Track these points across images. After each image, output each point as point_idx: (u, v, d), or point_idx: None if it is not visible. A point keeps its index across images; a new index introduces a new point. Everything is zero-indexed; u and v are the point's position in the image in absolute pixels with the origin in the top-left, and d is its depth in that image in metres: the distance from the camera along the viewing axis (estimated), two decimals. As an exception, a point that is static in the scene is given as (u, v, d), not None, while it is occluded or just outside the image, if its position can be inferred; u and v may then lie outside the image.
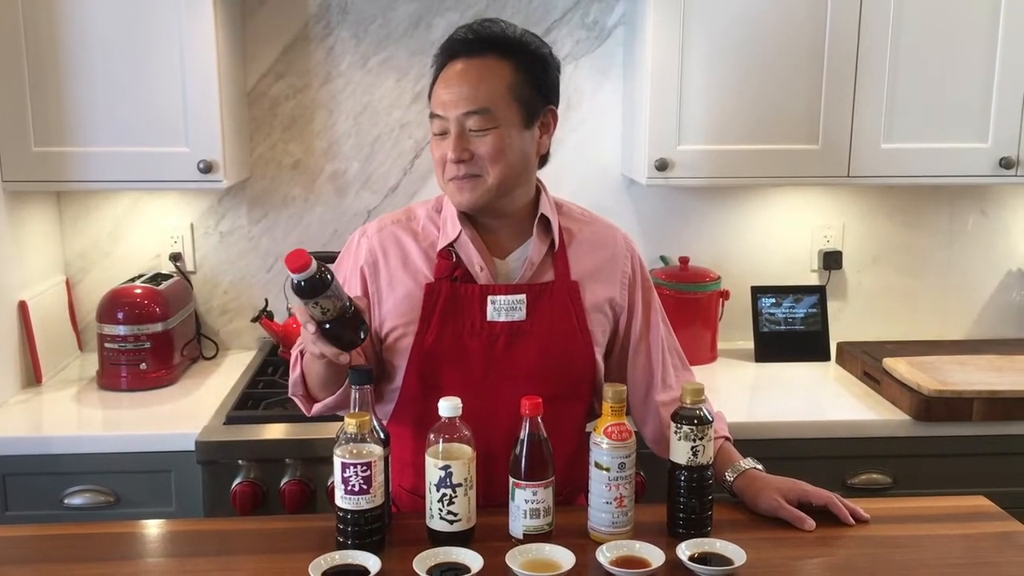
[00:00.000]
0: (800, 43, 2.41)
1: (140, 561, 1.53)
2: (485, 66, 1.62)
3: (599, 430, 1.51)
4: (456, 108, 1.61)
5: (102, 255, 2.73)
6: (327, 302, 1.42)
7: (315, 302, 1.41)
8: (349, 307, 1.46)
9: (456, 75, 1.62)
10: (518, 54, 1.64)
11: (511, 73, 1.62)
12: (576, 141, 2.75)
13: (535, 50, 1.67)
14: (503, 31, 1.65)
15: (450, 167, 1.63)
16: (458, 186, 1.64)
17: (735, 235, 2.83)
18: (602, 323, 1.74)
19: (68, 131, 2.33)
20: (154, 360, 2.44)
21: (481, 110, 1.60)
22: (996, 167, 2.48)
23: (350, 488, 1.45)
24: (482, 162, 1.62)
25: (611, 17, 2.70)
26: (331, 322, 1.44)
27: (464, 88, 1.60)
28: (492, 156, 1.61)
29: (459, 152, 1.61)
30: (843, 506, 1.61)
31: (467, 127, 1.61)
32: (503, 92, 1.61)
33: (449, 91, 1.62)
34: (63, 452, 2.15)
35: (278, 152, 2.73)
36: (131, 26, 2.30)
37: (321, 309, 1.42)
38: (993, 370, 2.40)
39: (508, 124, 1.62)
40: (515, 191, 1.67)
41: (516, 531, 1.51)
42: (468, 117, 1.60)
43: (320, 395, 1.66)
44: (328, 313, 1.43)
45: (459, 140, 1.61)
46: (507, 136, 1.62)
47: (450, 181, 1.65)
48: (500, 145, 1.61)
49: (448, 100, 1.61)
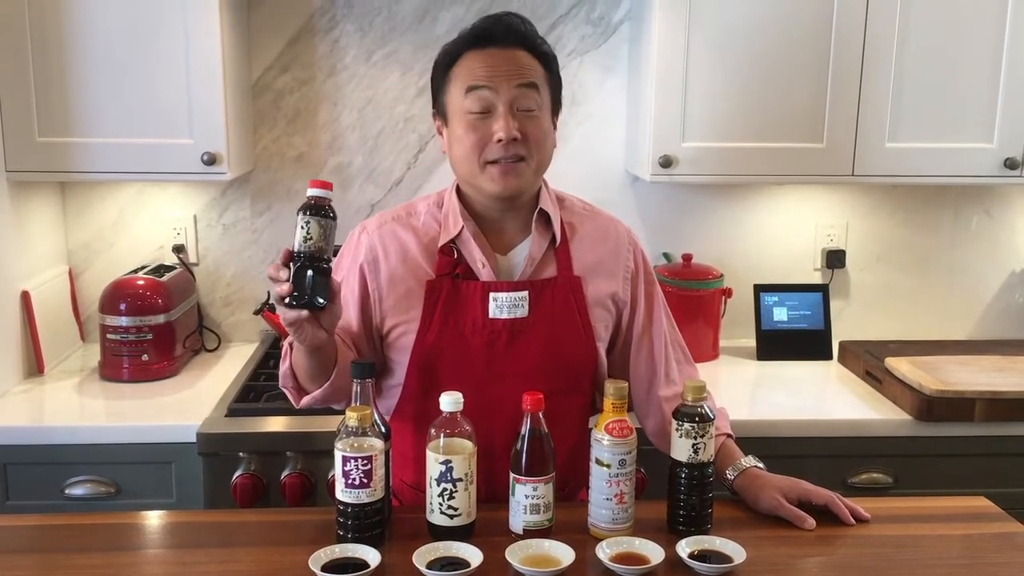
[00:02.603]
0: (806, 41, 2.40)
1: (140, 552, 1.54)
2: (518, 54, 1.61)
3: (600, 427, 1.51)
4: (511, 79, 1.57)
5: (105, 246, 2.73)
6: (317, 229, 1.42)
7: (308, 221, 1.42)
8: (327, 260, 1.45)
9: (495, 55, 1.59)
10: (538, 50, 1.65)
11: (540, 65, 1.64)
12: (580, 137, 2.75)
13: (548, 48, 1.68)
14: (527, 28, 1.66)
15: (495, 148, 1.58)
16: (503, 170, 1.59)
17: (738, 233, 2.83)
18: (604, 318, 1.73)
19: (72, 122, 2.33)
20: (156, 351, 2.44)
21: (533, 84, 1.59)
22: (1001, 167, 2.47)
23: (351, 481, 1.45)
24: (530, 144, 1.59)
25: (617, 13, 2.70)
26: (306, 255, 1.43)
27: (512, 64, 1.59)
28: (538, 139, 1.60)
29: (513, 130, 1.56)
30: (844, 505, 1.61)
31: (516, 105, 1.58)
32: (541, 78, 1.62)
33: (494, 66, 1.58)
34: (64, 442, 2.15)
35: (282, 145, 2.73)
36: (136, 17, 2.30)
37: (307, 232, 1.43)
38: (995, 371, 2.40)
39: (545, 108, 1.62)
40: (539, 180, 1.68)
41: (516, 526, 1.51)
42: (522, 91, 1.58)
43: (309, 387, 1.65)
44: (309, 243, 1.43)
45: (512, 118, 1.57)
46: (546, 120, 1.63)
47: (491, 165, 1.60)
48: (544, 128, 1.61)
49: (499, 72, 1.57)
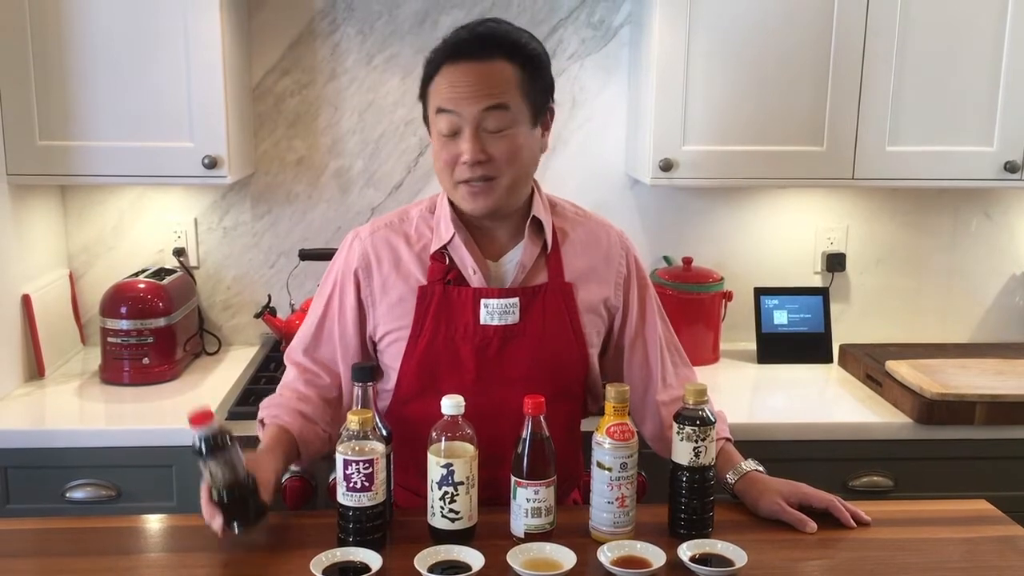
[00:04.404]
0: (806, 44, 2.40)
1: (141, 556, 1.54)
2: (495, 67, 1.58)
3: (601, 430, 1.51)
4: (475, 103, 1.56)
5: (106, 249, 2.73)
6: (217, 468, 1.42)
7: (205, 463, 1.42)
8: (246, 481, 1.45)
9: (464, 73, 1.58)
10: (520, 53, 1.62)
11: (518, 72, 1.60)
12: (581, 140, 2.75)
13: (534, 48, 1.65)
14: (505, 32, 1.63)
15: (462, 169, 1.59)
16: (471, 191, 1.60)
17: (739, 236, 2.83)
18: (596, 323, 1.74)
19: (73, 125, 2.33)
20: (157, 355, 2.44)
21: (500, 105, 1.57)
22: (1001, 171, 2.47)
23: (352, 485, 1.45)
24: (498, 164, 1.59)
25: (617, 16, 2.70)
26: (220, 491, 1.43)
27: (479, 84, 1.56)
28: (509, 157, 1.59)
29: (477, 153, 1.57)
30: (844, 509, 1.61)
31: (483, 126, 1.58)
32: (514, 91, 1.59)
33: (460, 88, 1.57)
34: (65, 446, 2.15)
35: (282, 148, 2.73)
36: (137, 21, 2.30)
37: (211, 474, 1.43)
38: (996, 374, 2.40)
39: (520, 123, 1.60)
40: (521, 192, 1.67)
41: (517, 530, 1.51)
42: (487, 114, 1.57)
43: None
44: (216, 481, 1.43)
45: (476, 140, 1.57)
46: (520, 136, 1.60)
47: (461, 184, 1.61)
48: (515, 146, 1.59)
49: (463, 95, 1.56)
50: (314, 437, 1.68)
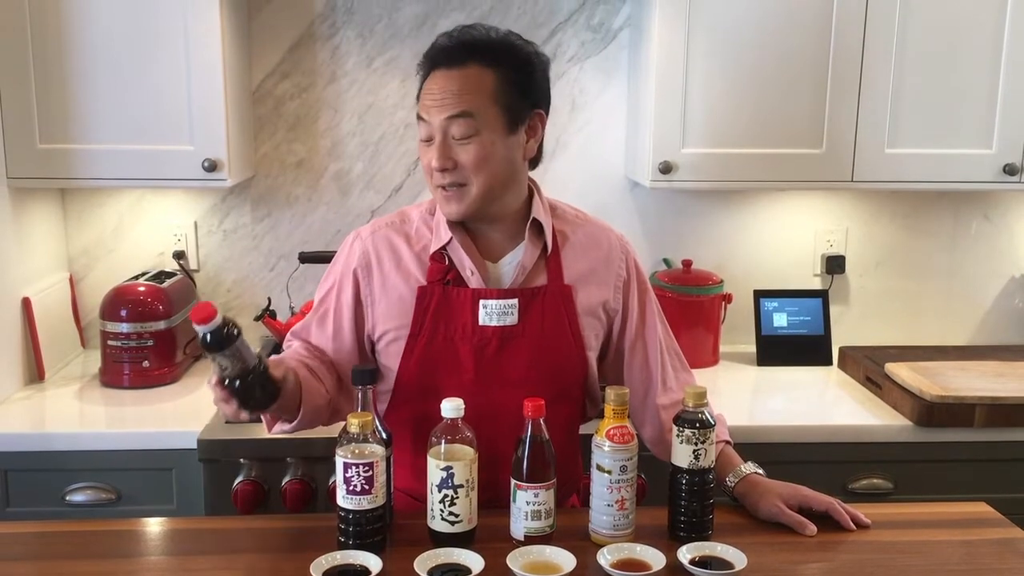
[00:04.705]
0: (805, 47, 2.41)
1: (141, 559, 1.54)
2: (467, 74, 1.61)
3: (601, 433, 1.51)
4: (440, 112, 1.60)
5: (106, 252, 2.73)
6: (227, 360, 1.41)
7: (214, 358, 1.41)
8: (257, 366, 1.44)
9: (438, 82, 1.62)
10: (500, 59, 1.63)
11: (493, 79, 1.61)
12: (580, 143, 2.76)
13: (518, 53, 1.66)
14: (485, 36, 1.65)
15: (436, 175, 1.63)
16: (445, 196, 1.64)
17: (738, 238, 2.83)
18: (595, 326, 1.74)
19: (73, 128, 2.33)
20: (157, 358, 2.44)
21: (463, 114, 1.59)
22: (1000, 173, 2.48)
23: (352, 488, 1.45)
24: (465, 171, 1.61)
25: (617, 19, 2.70)
26: (231, 380, 1.43)
27: (446, 94, 1.60)
28: (475, 165, 1.61)
29: (443, 160, 1.61)
30: (844, 511, 1.61)
31: (450, 134, 1.60)
32: (485, 98, 1.60)
33: (432, 96, 1.62)
34: (65, 449, 2.15)
35: (282, 151, 2.73)
36: (137, 24, 2.30)
37: (219, 366, 1.42)
38: (995, 376, 2.40)
39: (491, 130, 1.61)
40: (504, 197, 1.67)
41: (517, 533, 1.51)
42: (451, 122, 1.60)
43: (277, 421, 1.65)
44: (226, 371, 1.42)
45: (442, 148, 1.61)
46: (490, 143, 1.61)
47: (438, 188, 1.65)
48: (483, 153, 1.60)
49: (431, 105, 1.61)
50: (316, 392, 1.64)
